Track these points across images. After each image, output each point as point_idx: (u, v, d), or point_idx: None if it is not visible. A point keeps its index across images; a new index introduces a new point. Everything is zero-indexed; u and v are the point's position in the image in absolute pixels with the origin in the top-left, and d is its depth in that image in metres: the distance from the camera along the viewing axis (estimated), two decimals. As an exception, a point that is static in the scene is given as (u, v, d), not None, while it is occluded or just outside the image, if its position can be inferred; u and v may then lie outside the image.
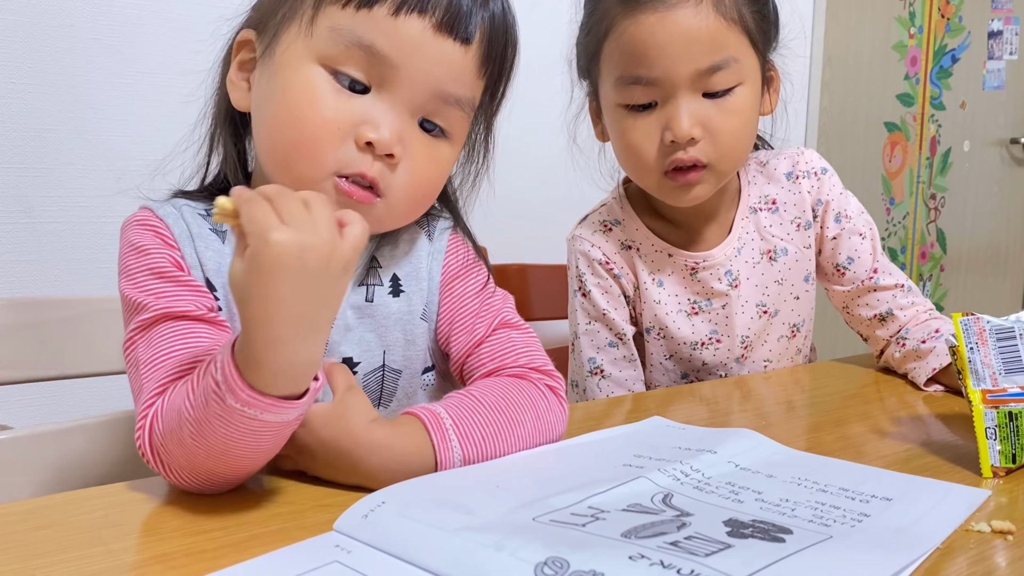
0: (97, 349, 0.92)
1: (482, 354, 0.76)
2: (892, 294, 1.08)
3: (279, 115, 0.68)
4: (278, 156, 0.69)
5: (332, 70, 0.67)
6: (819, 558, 0.50)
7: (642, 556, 0.48)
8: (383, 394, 0.77)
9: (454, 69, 0.69)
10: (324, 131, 0.67)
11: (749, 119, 0.99)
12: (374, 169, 0.68)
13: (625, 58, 0.96)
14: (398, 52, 0.67)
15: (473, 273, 0.80)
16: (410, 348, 0.77)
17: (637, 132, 0.98)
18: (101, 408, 1.23)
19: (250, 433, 0.56)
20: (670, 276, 1.07)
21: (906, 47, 2.73)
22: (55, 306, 0.90)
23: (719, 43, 0.93)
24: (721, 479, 0.64)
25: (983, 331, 0.72)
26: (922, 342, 1.01)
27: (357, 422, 0.62)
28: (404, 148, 0.69)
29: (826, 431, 0.83)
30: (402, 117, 0.69)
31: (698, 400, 0.95)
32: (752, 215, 1.09)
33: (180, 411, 0.57)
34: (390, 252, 0.77)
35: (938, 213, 2.92)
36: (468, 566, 0.48)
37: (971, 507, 0.60)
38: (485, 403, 0.68)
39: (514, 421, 0.68)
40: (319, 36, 0.67)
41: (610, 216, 1.09)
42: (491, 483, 0.61)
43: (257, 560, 0.50)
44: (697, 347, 1.08)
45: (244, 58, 0.73)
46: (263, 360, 0.54)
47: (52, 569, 0.49)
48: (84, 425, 0.89)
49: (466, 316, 0.78)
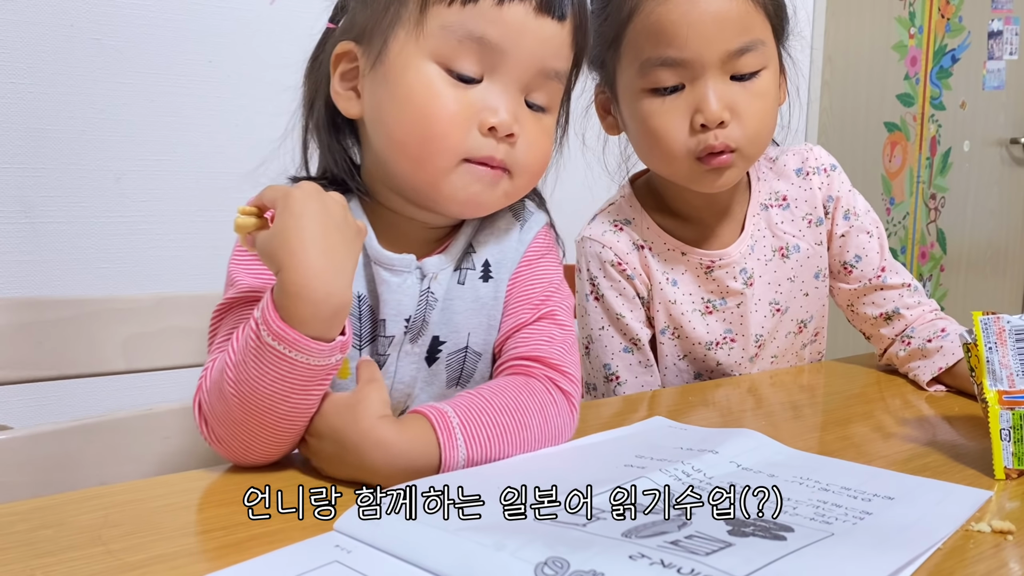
0: (97, 349, 0.92)
1: (518, 340, 0.79)
2: (899, 293, 1.08)
3: (405, 116, 0.72)
4: (411, 153, 0.73)
5: (446, 66, 0.71)
6: (820, 556, 0.50)
7: (642, 555, 0.48)
8: (463, 374, 0.80)
9: (555, 45, 0.74)
10: (451, 124, 0.71)
11: (773, 104, 0.99)
12: (500, 152, 0.73)
13: (653, 39, 0.94)
14: (506, 38, 0.71)
15: (547, 266, 0.83)
16: (491, 333, 0.80)
17: (664, 116, 0.96)
18: (101, 408, 1.24)
19: (278, 374, 0.61)
20: (684, 275, 1.06)
21: (906, 47, 2.73)
22: (55, 306, 0.90)
23: (747, 25, 0.93)
24: (722, 479, 0.64)
25: (1003, 331, 0.71)
26: (928, 341, 1.01)
27: (366, 414, 0.63)
28: (520, 126, 0.74)
29: (828, 431, 0.83)
30: (514, 98, 0.73)
31: (700, 400, 0.95)
32: (763, 211, 1.08)
33: (224, 361, 0.63)
34: (485, 239, 0.81)
35: (938, 213, 2.92)
36: (468, 566, 0.48)
37: (973, 507, 0.60)
38: (494, 404, 0.69)
39: (521, 424, 0.69)
40: (430, 36, 0.71)
41: (620, 215, 1.07)
42: (492, 484, 0.61)
43: (257, 560, 0.50)
44: (712, 347, 1.07)
45: (345, 68, 0.76)
46: (298, 291, 0.60)
47: (52, 569, 0.49)
48: (84, 425, 0.89)
49: (520, 301, 0.81)
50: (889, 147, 2.74)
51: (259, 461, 0.66)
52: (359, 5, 0.77)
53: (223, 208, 1.35)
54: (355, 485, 0.61)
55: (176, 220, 1.31)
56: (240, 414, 0.62)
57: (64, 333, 0.90)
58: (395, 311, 0.75)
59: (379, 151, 0.76)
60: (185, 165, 1.31)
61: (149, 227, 1.29)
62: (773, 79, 0.98)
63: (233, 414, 0.62)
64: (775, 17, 0.97)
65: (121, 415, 0.92)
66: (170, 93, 1.28)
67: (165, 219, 1.31)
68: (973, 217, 3.03)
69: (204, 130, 1.32)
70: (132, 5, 1.25)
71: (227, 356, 0.63)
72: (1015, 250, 3.19)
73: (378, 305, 0.76)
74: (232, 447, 0.64)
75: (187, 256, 1.33)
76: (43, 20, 1.19)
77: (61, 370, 0.90)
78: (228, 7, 1.32)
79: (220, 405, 0.63)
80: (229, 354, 0.63)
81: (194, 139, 1.31)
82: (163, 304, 0.96)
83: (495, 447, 0.67)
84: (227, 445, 0.64)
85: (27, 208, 1.20)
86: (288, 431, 0.64)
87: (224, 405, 0.63)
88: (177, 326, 0.97)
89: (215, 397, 0.64)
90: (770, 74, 0.97)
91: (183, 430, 0.96)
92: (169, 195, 1.30)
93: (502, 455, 0.68)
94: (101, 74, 1.23)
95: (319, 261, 0.61)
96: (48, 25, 1.19)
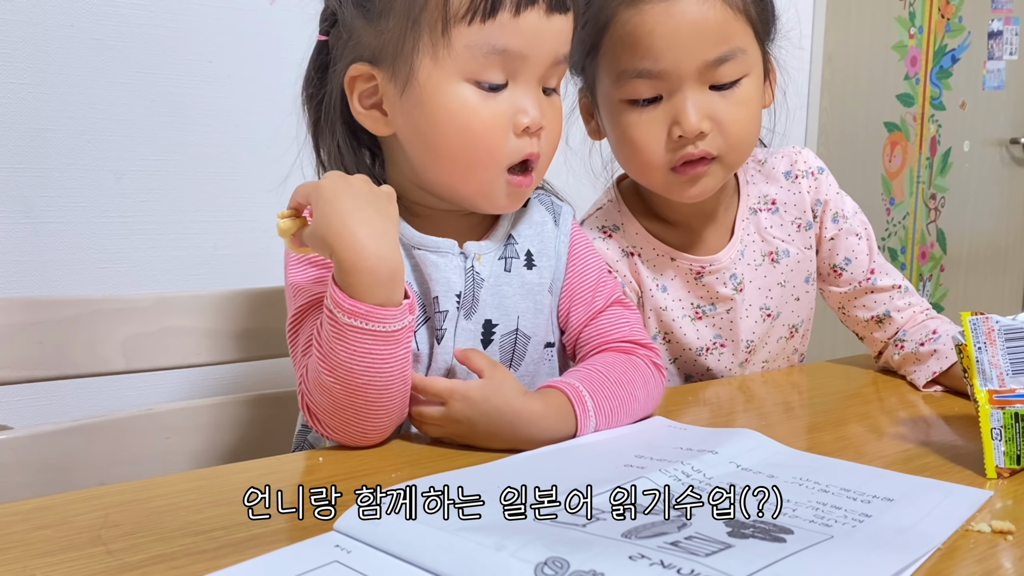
0: (97, 349, 0.92)
1: (599, 325, 0.87)
2: (889, 295, 1.08)
3: (448, 135, 0.77)
4: (459, 168, 0.79)
5: (475, 81, 0.76)
6: (820, 558, 0.50)
7: (642, 556, 0.48)
8: (515, 355, 0.86)
9: (564, 36, 0.80)
10: (493, 137, 0.77)
11: (756, 110, 0.97)
12: (535, 146, 0.79)
13: (628, 51, 0.92)
14: (526, 45, 0.76)
15: (593, 255, 0.92)
16: (538, 316, 0.86)
17: (641, 128, 0.94)
18: (101, 408, 1.24)
19: (364, 348, 0.67)
20: (673, 280, 1.05)
21: (906, 47, 2.73)
22: (55, 306, 0.90)
23: (726, 33, 0.91)
24: (722, 479, 0.64)
25: (991, 331, 0.71)
26: (920, 344, 1.01)
27: (514, 395, 0.73)
28: (543, 117, 0.79)
29: (826, 431, 0.83)
30: (536, 92, 0.79)
31: (698, 401, 0.95)
32: (752, 216, 1.08)
33: (315, 357, 0.69)
34: (523, 231, 0.87)
35: (938, 213, 2.92)
36: (468, 566, 0.48)
37: (972, 507, 0.60)
38: (611, 379, 0.79)
39: (632, 396, 0.80)
40: (456, 56, 0.75)
41: (608, 221, 1.06)
42: (492, 484, 0.61)
43: (257, 560, 0.50)
44: (702, 352, 1.06)
45: (362, 89, 0.80)
46: (353, 265, 0.66)
47: (52, 569, 0.49)
48: (84, 425, 0.89)
49: (586, 291, 0.89)
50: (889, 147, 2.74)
51: (374, 440, 0.72)
52: (363, 26, 0.78)
53: (223, 208, 1.35)
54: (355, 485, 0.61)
55: (176, 220, 1.31)
56: (344, 398, 0.69)
57: (64, 333, 0.90)
58: (445, 288, 0.80)
59: (420, 165, 0.81)
60: (185, 165, 1.31)
61: (149, 227, 1.29)
62: (755, 86, 0.95)
63: (337, 401, 0.69)
64: (758, 22, 0.95)
65: (121, 415, 0.92)
66: (170, 93, 1.28)
67: (165, 219, 1.30)
68: (973, 217, 3.02)
69: (204, 130, 1.32)
70: (132, 5, 1.25)
71: (316, 351, 0.69)
72: (1015, 250, 3.19)
73: (428, 285, 0.80)
74: (347, 432, 0.71)
75: (187, 256, 1.33)
76: (43, 20, 1.19)
77: (61, 370, 0.90)
78: (228, 7, 1.32)
79: (324, 398, 0.70)
80: (317, 348, 0.69)
81: (194, 139, 1.31)
82: (163, 304, 0.96)
83: (615, 417, 0.77)
84: (341, 433, 0.71)
85: (27, 208, 1.20)
86: (391, 401, 0.70)
87: (327, 396, 0.69)
88: (177, 326, 0.97)
89: (317, 392, 0.70)
90: (752, 81, 0.95)
91: (183, 430, 0.96)
92: (169, 195, 1.30)
93: (620, 423, 0.78)
94: (101, 74, 1.23)
95: (362, 231, 0.67)
96: (48, 25, 1.19)
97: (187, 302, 0.98)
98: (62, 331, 0.90)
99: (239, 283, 1.05)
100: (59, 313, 0.90)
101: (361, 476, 0.66)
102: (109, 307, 0.93)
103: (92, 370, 0.92)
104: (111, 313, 0.93)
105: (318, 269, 0.78)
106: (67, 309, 0.90)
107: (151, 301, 0.95)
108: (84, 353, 0.91)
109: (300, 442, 0.89)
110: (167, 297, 0.97)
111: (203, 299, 0.99)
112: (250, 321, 1.01)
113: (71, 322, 0.90)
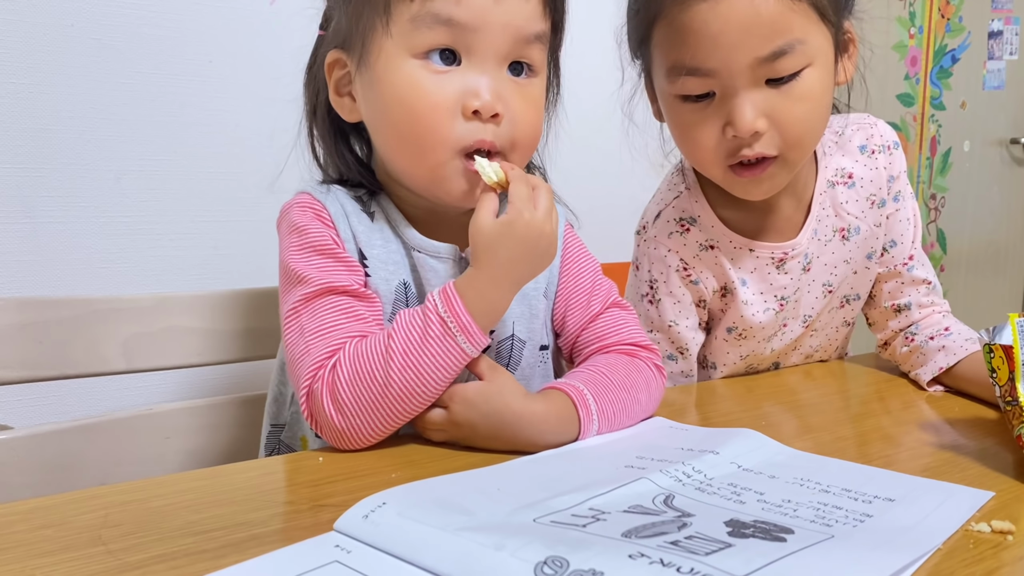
0: (97, 349, 0.92)
1: (596, 329, 0.86)
2: (917, 289, 1.06)
3: (395, 115, 0.75)
4: (408, 150, 0.76)
5: (423, 56, 0.73)
6: (820, 557, 0.50)
7: (642, 555, 0.48)
8: (511, 360, 0.85)
9: (526, 12, 0.75)
10: (436, 115, 0.73)
11: (819, 102, 0.89)
12: (489, 133, 0.75)
13: (676, 48, 0.86)
14: (474, 16, 0.72)
15: (587, 258, 0.90)
16: (533, 321, 0.85)
17: (695, 126, 0.89)
18: (101, 408, 1.24)
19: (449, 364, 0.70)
20: (752, 273, 1.00)
21: (906, 47, 2.73)
22: (55, 306, 0.90)
23: (781, 26, 0.83)
24: (723, 480, 0.64)
25: None
26: (930, 339, 1.01)
27: (515, 397, 0.72)
28: (504, 103, 0.75)
29: (826, 431, 0.83)
30: (495, 74, 0.75)
31: (699, 399, 0.95)
32: (830, 189, 1.02)
33: (383, 350, 0.69)
34: None
35: (938, 213, 2.92)
36: (468, 566, 0.48)
37: (974, 508, 0.60)
38: (614, 381, 0.78)
39: (634, 399, 0.79)
40: (401, 32, 0.73)
41: (685, 213, 1.00)
42: (492, 485, 0.61)
43: (257, 560, 0.50)
44: (770, 338, 1.04)
45: (338, 75, 0.79)
46: (486, 295, 0.71)
47: (52, 569, 0.49)
48: (84, 425, 0.89)
49: (581, 294, 0.88)
50: (889, 147, 2.74)
51: (372, 442, 0.71)
52: (341, 13, 0.78)
53: (223, 208, 1.35)
54: (355, 485, 0.61)
55: (176, 220, 1.31)
56: (399, 393, 0.69)
57: (64, 333, 0.90)
58: None
59: (382, 151, 0.80)
60: (185, 165, 1.31)
61: (149, 227, 1.29)
62: (820, 75, 0.88)
63: (389, 394, 0.69)
64: (825, 2, 0.86)
65: (121, 415, 0.92)
66: (170, 93, 1.28)
67: (165, 219, 1.30)
68: (973, 217, 3.02)
69: (204, 130, 1.32)
70: (132, 5, 1.25)
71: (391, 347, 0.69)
72: (1015, 250, 3.19)
73: (425, 288, 0.80)
74: (355, 428, 0.70)
75: (187, 256, 1.32)
76: (43, 20, 1.19)
77: (61, 370, 0.90)
78: (228, 7, 1.32)
79: (373, 388, 0.69)
80: (394, 343, 0.69)
81: (194, 139, 1.31)
82: (163, 304, 0.96)
83: (618, 420, 0.77)
84: (352, 428, 0.70)
85: (27, 208, 1.20)
86: (421, 409, 0.71)
87: (381, 388, 0.69)
88: (177, 326, 0.97)
89: (368, 381, 0.69)
90: (815, 71, 0.87)
91: (183, 430, 0.96)
92: (169, 195, 1.30)
93: (621, 426, 0.77)
94: (101, 74, 1.23)
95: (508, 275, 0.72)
96: (48, 25, 1.19)
97: (187, 302, 0.98)
98: (62, 331, 0.90)
99: (239, 283, 1.05)
100: (59, 313, 0.90)
101: (361, 476, 0.66)
102: (109, 307, 0.92)
103: (92, 370, 0.92)
104: (111, 313, 0.92)
105: (322, 257, 0.76)
106: (67, 309, 0.90)
107: (151, 301, 0.95)
108: (84, 353, 0.91)
109: (273, 444, 0.88)
110: (167, 297, 0.97)
111: (203, 299, 0.99)
112: (250, 321, 1.01)
113: (71, 322, 0.90)
